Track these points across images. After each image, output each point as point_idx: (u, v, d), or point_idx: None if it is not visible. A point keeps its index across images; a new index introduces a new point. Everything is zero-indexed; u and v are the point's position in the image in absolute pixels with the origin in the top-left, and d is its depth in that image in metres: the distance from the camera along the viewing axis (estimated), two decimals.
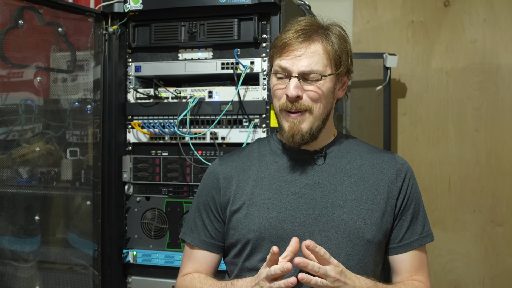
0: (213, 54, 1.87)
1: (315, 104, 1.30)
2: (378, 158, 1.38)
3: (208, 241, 1.40)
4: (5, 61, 1.66)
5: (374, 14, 2.95)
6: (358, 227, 1.28)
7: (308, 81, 1.29)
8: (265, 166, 1.38)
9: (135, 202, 1.95)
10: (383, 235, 1.31)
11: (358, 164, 1.36)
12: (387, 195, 1.33)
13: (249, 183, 1.36)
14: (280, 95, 1.32)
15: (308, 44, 1.29)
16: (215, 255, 1.41)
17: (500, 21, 2.78)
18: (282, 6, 1.77)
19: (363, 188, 1.32)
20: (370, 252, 1.29)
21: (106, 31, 1.90)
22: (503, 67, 2.78)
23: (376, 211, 1.31)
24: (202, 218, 1.41)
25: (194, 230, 1.42)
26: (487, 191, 2.80)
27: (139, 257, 1.92)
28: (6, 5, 1.64)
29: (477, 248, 2.82)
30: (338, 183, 1.33)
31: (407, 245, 1.33)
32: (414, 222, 1.35)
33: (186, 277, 1.41)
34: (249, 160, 1.41)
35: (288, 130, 1.31)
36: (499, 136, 2.79)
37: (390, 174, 1.35)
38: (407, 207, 1.34)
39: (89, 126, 1.93)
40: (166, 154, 1.92)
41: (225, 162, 1.43)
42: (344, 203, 1.30)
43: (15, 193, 1.71)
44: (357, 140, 1.45)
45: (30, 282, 1.76)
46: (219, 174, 1.40)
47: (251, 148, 1.45)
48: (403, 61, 2.89)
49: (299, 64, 1.28)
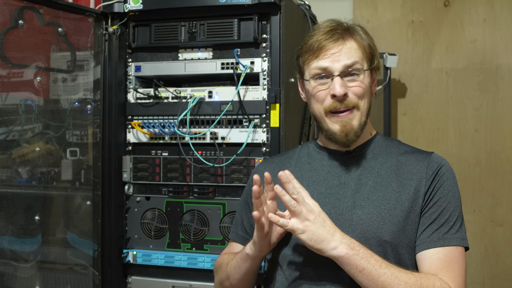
0: (213, 54, 1.87)
1: (361, 100, 1.32)
2: (411, 159, 1.35)
3: (243, 236, 1.47)
4: (5, 61, 1.66)
5: (374, 14, 2.95)
6: (376, 227, 1.26)
7: (350, 78, 1.30)
8: (299, 167, 1.42)
9: (135, 202, 1.95)
10: (408, 237, 1.27)
11: (387, 165, 1.35)
12: (414, 195, 1.29)
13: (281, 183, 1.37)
14: (323, 97, 1.31)
15: (343, 41, 1.31)
16: None
17: (500, 21, 2.78)
18: (282, 6, 1.77)
19: (387, 188, 1.30)
20: (389, 253, 1.25)
21: (106, 31, 1.90)
22: (503, 67, 2.78)
23: (399, 211, 1.27)
24: (241, 215, 1.49)
25: (235, 226, 1.51)
26: (487, 191, 2.80)
27: (139, 257, 1.92)
28: (6, 5, 1.64)
29: (477, 248, 2.82)
30: (363, 184, 1.32)
31: (427, 243, 1.26)
32: (439, 220, 1.27)
33: (220, 256, 1.50)
34: (289, 162, 1.46)
35: (341, 130, 1.31)
36: (499, 136, 2.79)
37: (420, 173, 1.31)
38: (432, 204, 1.28)
39: (89, 126, 1.93)
40: (166, 154, 1.92)
41: (267, 163, 1.52)
42: (366, 203, 1.30)
43: (15, 193, 1.71)
44: (397, 142, 1.43)
45: (30, 282, 1.76)
46: (258, 173, 1.43)
47: (294, 151, 1.51)
48: (403, 61, 2.89)
49: (339, 61, 1.29)
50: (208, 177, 1.86)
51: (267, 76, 1.80)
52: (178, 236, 1.90)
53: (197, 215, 1.88)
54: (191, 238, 1.88)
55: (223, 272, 1.41)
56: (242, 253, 1.33)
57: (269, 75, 1.80)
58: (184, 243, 1.90)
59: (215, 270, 1.49)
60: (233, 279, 1.38)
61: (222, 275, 1.42)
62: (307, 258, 1.30)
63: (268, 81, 1.80)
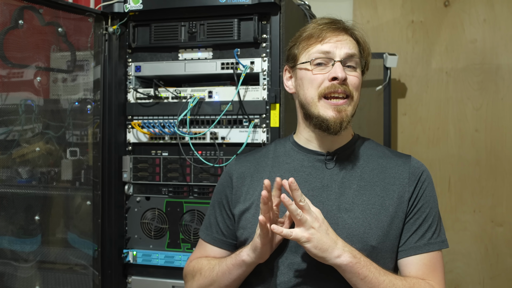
0: (213, 54, 1.87)
1: (356, 92, 1.31)
2: (391, 163, 1.35)
3: (220, 238, 1.42)
4: (5, 61, 1.66)
5: (374, 14, 2.95)
6: (362, 232, 1.26)
7: (347, 68, 1.30)
8: (278, 167, 1.38)
9: (135, 202, 1.95)
10: (391, 242, 1.28)
11: (369, 168, 1.34)
12: (397, 200, 1.29)
13: (260, 184, 1.35)
14: (320, 81, 1.29)
15: (345, 33, 1.32)
16: (226, 252, 1.41)
17: (500, 21, 2.78)
18: (282, 6, 1.77)
19: (371, 193, 1.30)
20: (375, 258, 1.25)
21: (106, 31, 1.90)
22: (503, 67, 2.78)
23: (384, 216, 1.27)
24: (216, 216, 1.43)
25: (208, 227, 1.45)
26: (487, 191, 2.80)
27: (139, 257, 1.92)
28: (6, 5, 1.64)
29: (477, 248, 2.82)
30: (347, 187, 1.31)
31: (413, 249, 1.28)
32: (424, 226, 1.30)
33: (193, 261, 1.44)
34: (264, 161, 1.42)
35: (335, 117, 1.28)
36: (499, 136, 2.79)
37: (402, 179, 1.31)
38: (416, 210, 1.30)
39: (89, 126, 1.93)
40: (166, 154, 1.92)
41: (241, 161, 1.45)
42: (351, 207, 1.28)
43: (15, 193, 1.71)
44: (374, 143, 1.43)
45: (30, 282, 1.76)
46: (233, 173, 1.42)
47: (268, 149, 1.46)
48: (403, 61, 2.89)
49: (342, 48, 1.29)
50: (208, 177, 1.86)
51: (267, 76, 1.80)
52: (178, 236, 1.90)
53: (197, 215, 1.88)
54: (191, 238, 1.88)
55: (205, 278, 1.35)
56: (235, 259, 1.28)
57: (269, 75, 1.80)
58: (184, 243, 1.90)
59: (190, 274, 1.42)
60: (220, 285, 1.32)
61: (203, 281, 1.35)
62: (305, 262, 1.28)
63: (268, 81, 1.80)
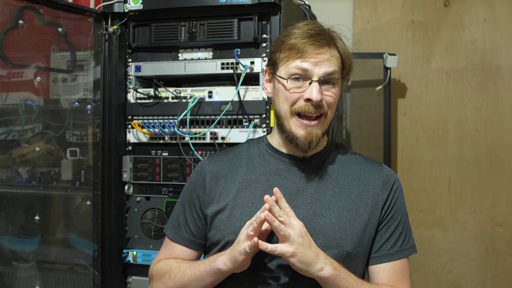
0: (213, 54, 1.87)
1: (330, 109, 1.30)
2: (365, 169, 1.37)
3: (189, 238, 1.40)
4: (5, 61, 1.67)
5: (374, 14, 2.95)
6: (338, 238, 1.27)
7: (325, 86, 1.29)
8: (252, 169, 1.37)
9: (135, 202, 1.95)
10: (364, 248, 1.30)
11: (344, 174, 1.35)
12: (371, 207, 1.31)
13: (234, 185, 1.35)
14: (295, 99, 1.29)
15: (328, 48, 1.29)
16: (194, 252, 1.41)
17: (500, 21, 2.78)
18: (282, 6, 1.77)
19: (347, 199, 1.31)
20: (349, 264, 1.27)
21: (106, 31, 1.90)
22: (503, 67, 2.78)
23: (359, 222, 1.29)
24: (185, 215, 1.41)
25: (176, 226, 1.42)
26: (487, 191, 2.80)
27: (139, 257, 1.92)
28: (6, 5, 1.64)
29: (477, 248, 2.82)
30: (322, 192, 1.32)
31: (386, 256, 1.31)
32: (396, 233, 1.32)
33: (161, 261, 1.42)
34: (238, 161, 1.40)
35: (305, 137, 1.28)
36: (499, 136, 2.79)
37: (376, 186, 1.34)
38: (389, 218, 1.32)
39: (89, 126, 1.93)
40: (166, 154, 1.92)
41: (214, 161, 1.42)
42: (327, 212, 1.29)
43: (15, 193, 1.71)
44: (347, 150, 1.44)
45: (30, 282, 1.76)
46: (206, 173, 1.40)
47: (241, 149, 1.44)
48: (403, 61, 2.89)
49: (321, 67, 1.27)
50: None
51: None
52: None
53: None
54: None
55: (175, 281, 1.32)
56: (210, 266, 1.26)
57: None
58: None
59: (157, 275, 1.39)
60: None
61: (172, 285, 1.33)
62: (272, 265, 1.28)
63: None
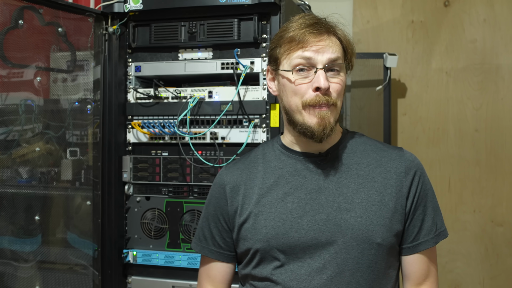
0: (213, 54, 1.87)
1: (339, 98, 1.27)
2: (385, 156, 1.33)
3: (217, 251, 1.39)
4: (5, 61, 1.66)
5: (374, 14, 2.95)
6: (366, 231, 1.24)
7: (331, 73, 1.26)
8: (270, 173, 1.35)
9: (135, 202, 1.95)
10: (394, 237, 1.26)
11: (364, 164, 1.31)
12: (396, 195, 1.27)
13: (255, 192, 1.33)
14: (304, 90, 1.25)
15: (328, 35, 1.27)
16: (226, 265, 1.40)
17: (500, 21, 2.78)
18: (282, 6, 1.77)
19: (370, 189, 1.28)
20: (381, 255, 1.25)
21: (106, 31, 1.90)
22: (503, 67, 2.78)
23: (385, 212, 1.26)
24: (210, 228, 1.39)
25: (202, 240, 1.41)
26: (487, 191, 2.80)
27: (139, 257, 1.92)
28: (6, 5, 1.64)
29: (477, 248, 2.82)
30: (344, 186, 1.29)
31: (421, 245, 1.29)
32: (428, 219, 1.30)
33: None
34: (255, 167, 1.38)
35: (318, 124, 1.25)
36: (499, 136, 2.79)
37: (398, 173, 1.30)
38: (417, 206, 1.29)
39: (89, 126, 1.93)
40: (166, 154, 1.92)
41: (231, 171, 1.40)
42: (351, 206, 1.26)
43: (15, 193, 1.71)
44: (364, 137, 1.39)
45: (30, 282, 1.76)
46: (225, 184, 1.38)
47: (256, 154, 1.42)
48: (403, 61, 2.89)
49: (324, 54, 1.24)
50: (208, 177, 1.86)
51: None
52: (178, 236, 1.90)
53: (197, 215, 1.88)
54: (191, 238, 1.88)
55: None
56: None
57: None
58: (184, 243, 1.90)
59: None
60: None
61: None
62: None
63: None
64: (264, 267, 1.29)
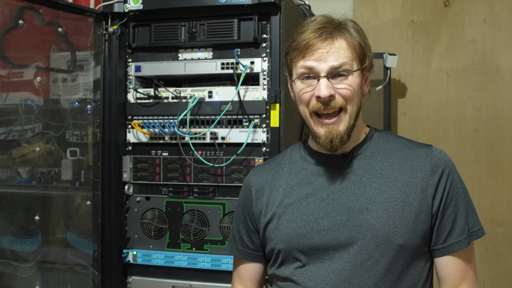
0: (213, 54, 1.87)
1: (348, 102, 1.26)
2: (412, 154, 1.29)
3: (244, 251, 1.41)
4: (5, 61, 1.66)
5: (374, 14, 2.95)
6: (387, 232, 1.21)
7: (337, 79, 1.25)
8: (294, 174, 1.35)
9: (135, 202, 1.95)
10: (419, 238, 1.23)
11: (389, 163, 1.29)
12: (421, 194, 1.24)
13: (279, 193, 1.34)
14: (308, 99, 1.26)
15: (332, 41, 1.25)
16: (254, 264, 1.42)
17: (500, 21, 2.78)
18: (282, 6, 1.77)
19: (393, 189, 1.25)
20: (402, 257, 1.22)
21: (106, 31, 1.90)
22: (503, 67, 2.78)
23: (408, 212, 1.23)
24: (239, 229, 1.42)
25: (232, 241, 1.45)
26: (487, 191, 2.80)
27: (139, 257, 1.92)
28: (6, 5, 1.64)
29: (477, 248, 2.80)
30: (367, 186, 1.27)
31: (453, 246, 1.26)
32: (459, 220, 1.26)
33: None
34: (281, 168, 1.39)
35: (325, 136, 1.26)
36: (499, 136, 2.79)
37: (424, 171, 1.26)
38: (447, 205, 1.26)
39: (89, 126, 1.93)
40: (166, 154, 1.92)
41: (258, 172, 1.43)
42: (372, 206, 1.24)
43: (15, 193, 1.71)
44: (391, 136, 1.37)
45: (30, 282, 1.76)
46: (251, 186, 1.40)
47: (284, 155, 1.43)
48: (403, 61, 2.89)
49: (326, 62, 1.23)
50: (208, 177, 1.86)
51: (267, 76, 1.80)
52: (178, 236, 1.90)
53: (197, 215, 1.88)
54: (191, 238, 1.88)
55: None
56: None
57: (269, 75, 1.80)
58: (184, 243, 1.90)
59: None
60: None
61: None
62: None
63: (268, 81, 1.80)
64: (286, 267, 1.30)
